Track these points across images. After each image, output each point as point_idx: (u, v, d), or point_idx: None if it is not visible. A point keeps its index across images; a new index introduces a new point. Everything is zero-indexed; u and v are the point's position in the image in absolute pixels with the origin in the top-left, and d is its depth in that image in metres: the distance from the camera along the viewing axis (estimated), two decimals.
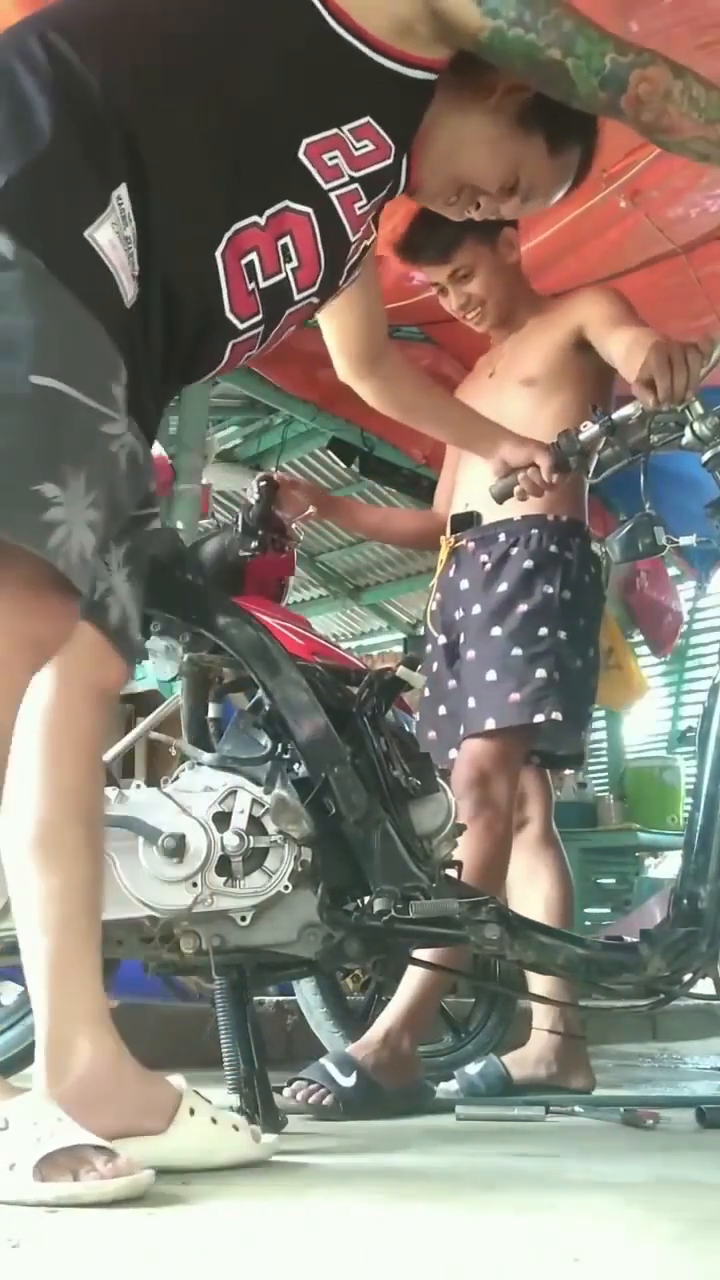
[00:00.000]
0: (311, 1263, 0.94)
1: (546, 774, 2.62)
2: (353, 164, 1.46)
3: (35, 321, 1.21)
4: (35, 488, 1.18)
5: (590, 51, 1.44)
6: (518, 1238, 1.05)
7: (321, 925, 1.64)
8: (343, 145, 1.44)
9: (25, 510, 1.18)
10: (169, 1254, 0.97)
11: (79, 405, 1.23)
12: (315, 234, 1.46)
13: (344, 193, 1.46)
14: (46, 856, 1.35)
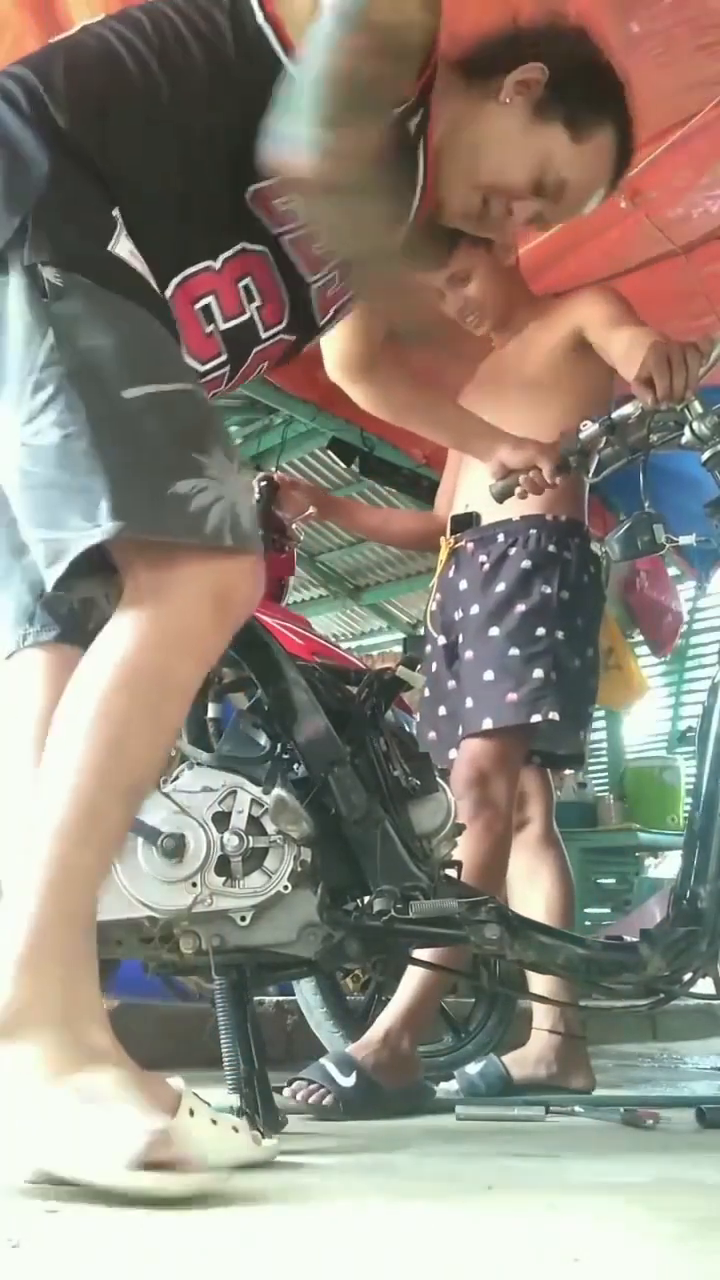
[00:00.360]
0: (311, 1263, 0.94)
1: (547, 774, 2.62)
2: None
3: (111, 338, 1.24)
4: (171, 490, 1.22)
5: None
6: (518, 1238, 1.05)
7: (321, 925, 1.64)
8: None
9: (172, 514, 1.21)
10: (169, 1254, 0.97)
11: (178, 396, 1.26)
12: (274, 275, 1.46)
13: (299, 236, 1.45)
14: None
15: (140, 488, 1.22)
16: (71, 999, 1.16)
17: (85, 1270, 0.91)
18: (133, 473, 1.22)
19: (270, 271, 1.46)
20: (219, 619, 1.25)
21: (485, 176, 1.57)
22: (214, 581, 1.24)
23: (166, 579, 1.22)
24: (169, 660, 1.22)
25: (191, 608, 1.23)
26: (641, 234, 3.13)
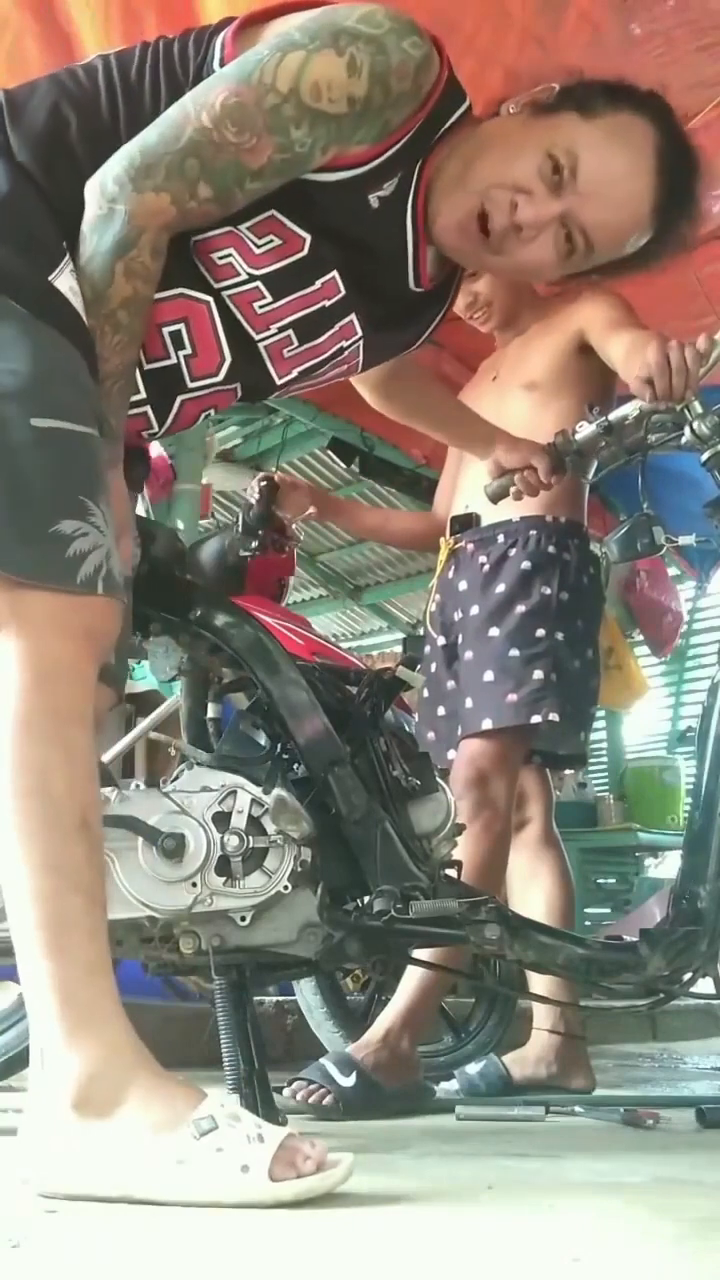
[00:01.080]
0: (312, 1262, 0.94)
1: (547, 774, 2.62)
2: (252, 262, 1.41)
3: (29, 365, 1.24)
4: (54, 528, 1.22)
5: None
6: (518, 1238, 1.05)
7: (321, 925, 1.64)
8: (238, 243, 1.40)
9: (48, 553, 1.21)
10: (169, 1254, 0.97)
11: (82, 436, 1.26)
12: (214, 324, 1.44)
13: (239, 292, 1.43)
14: None
15: (22, 524, 1.22)
16: (129, 1048, 1.17)
17: (85, 1270, 0.91)
18: (18, 508, 1.22)
19: (210, 322, 1.43)
20: (86, 654, 1.25)
21: (482, 180, 1.42)
22: (82, 622, 1.24)
23: (34, 616, 1.22)
24: (55, 692, 1.22)
25: (60, 644, 1.23)
26: None
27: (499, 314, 2.54)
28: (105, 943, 1.21)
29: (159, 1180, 1.10)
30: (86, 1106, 1.13)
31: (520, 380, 2.49)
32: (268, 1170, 1.10)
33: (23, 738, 1.20)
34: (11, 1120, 1.45)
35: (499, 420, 2.20)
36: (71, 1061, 1.15)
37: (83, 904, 1.20)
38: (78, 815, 1.21)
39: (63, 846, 1.19)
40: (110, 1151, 1.12)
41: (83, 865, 1.21)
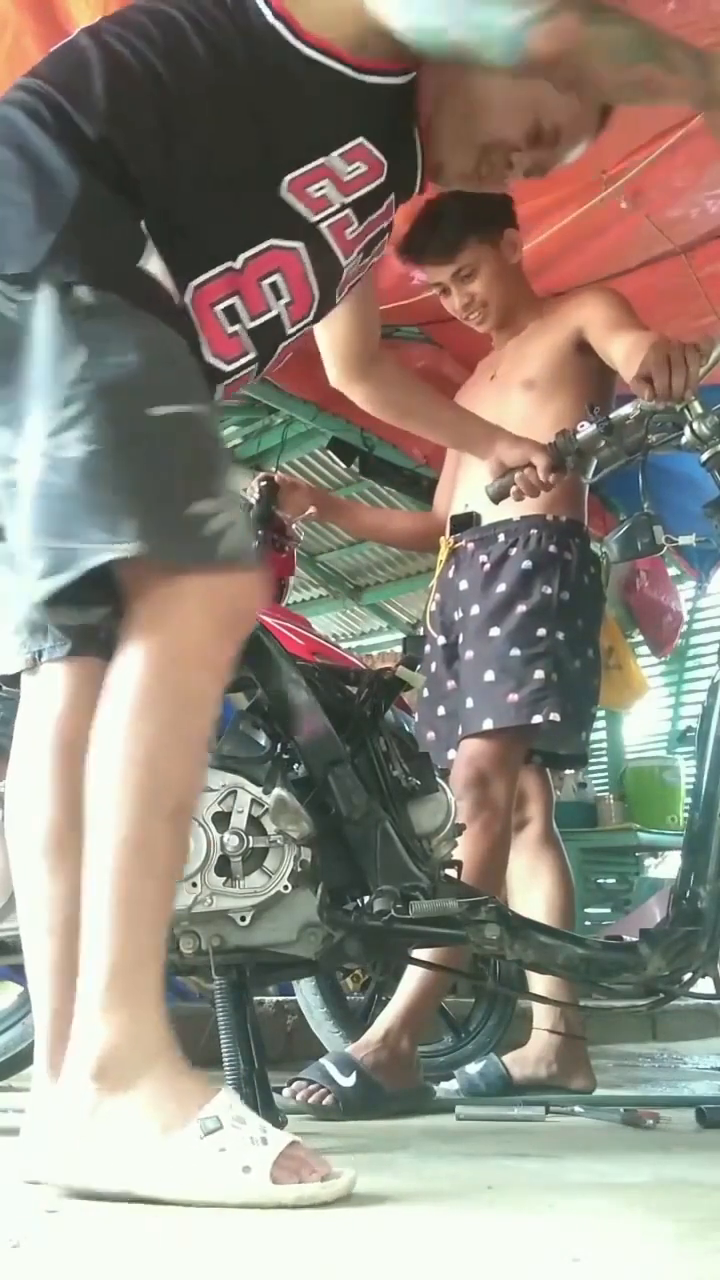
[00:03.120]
0: (312, 1262, 0.94)
1: (547, 774, 2.62)
2: (343, 189, 1.45)
3: (141, 357, 1.25)
4: (189, 510, 1.23)
5: (487, 20, 1.37)
6: (518, 1238, 1.05)
7: (321, 925, 1.64)
8: (331, 174, 1.43)
9: (190, 536, 1.23)
10: (169, 1254, 0.97)
11: (199, 416, 1.29)
12: (306, 268, 1.46)
13: (334, 221, 1.46)
14: (56, 860, 1.35)
15: (163, 510, 1.23)
16: (158, 1035, 1.19)
17: (85, 1270, 0.91)
18: (157, 494, 1.24)
19: (302, 268, 1.46)
20: (228, 633, 1.27)
21: (484, 136, 1.55)
22: (223, 598, 1.25)
23: (177, 597, 1.24)
24: (186, 677, 1.24)
25: (202, 624, 1.24)
26: (641, 234, 3.12)
27: (496, 313, 2.54)
28: (165, 932, 1.24)
29: (161, 1178, 1.11)
30: (104, 1078, 1.15)
31: (518, 379, 2.49)
32: (269, 1173, 1.11)
33: (142, 715, 1.21)
34: (12, 1120, 1.45)
35: (498, 419, 2.20)
36: (101, 1031, 1.16)
37: (156, 890, 1.21)
38: (175, 801, 1.22)
39: (153, 828, 1.20)
40: (115, 1146, 1.13)
41: (167, 851, 1.22)
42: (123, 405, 1.23)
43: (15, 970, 2.03)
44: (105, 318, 1.25)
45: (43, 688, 1.44)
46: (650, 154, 2.81)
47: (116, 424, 1.23)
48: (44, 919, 1.35)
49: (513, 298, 2.54)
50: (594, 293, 2.50)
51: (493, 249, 2.48)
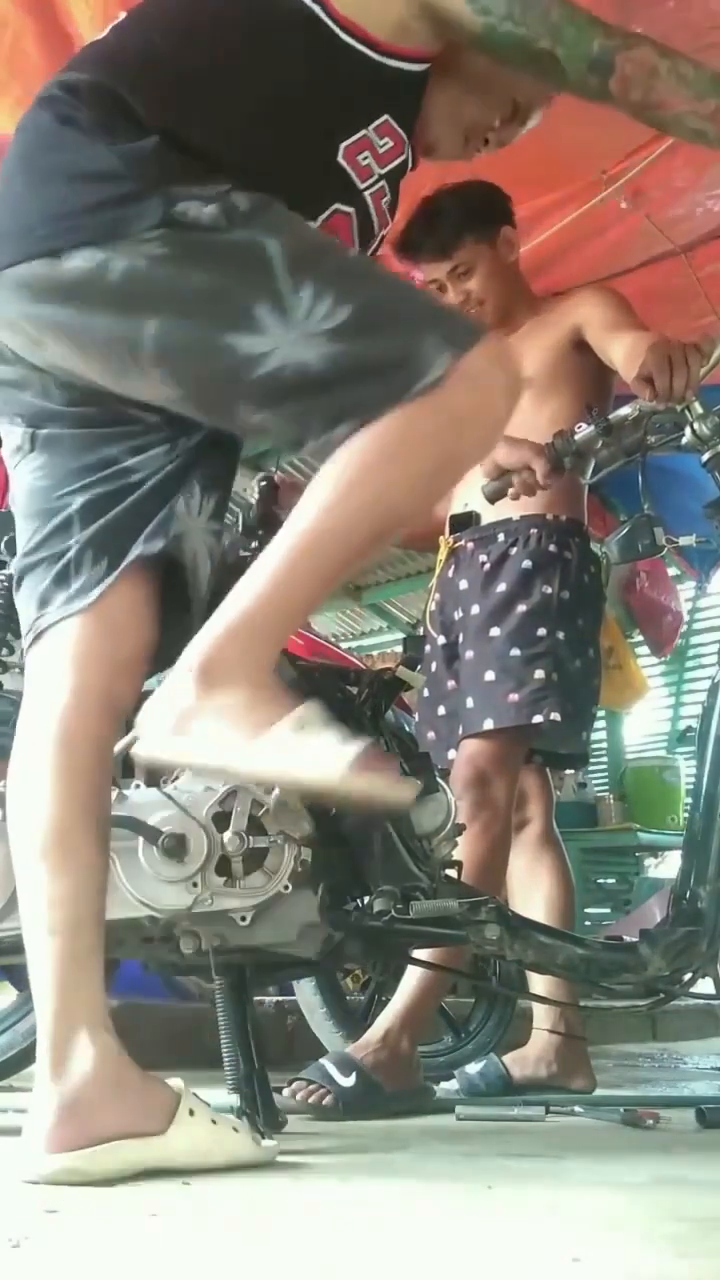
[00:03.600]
0: (312, 1263, 0.94)
1: (547, 773, 2.62)
2: (379, 161, 1.53)
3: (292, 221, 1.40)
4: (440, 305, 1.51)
5: (578, 38, 1.49)
6: (518, 1238, 1.05)
7: (321, 925, 1.64)
8: (370, 145, 1.51)
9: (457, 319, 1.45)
10: (169, 1254, 0.97)
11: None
12: (354, 235, 1.54)
13: (375, 190, 1.54)
14: (58, 860, 1.35)
15: (437, 311, 1.42)
16: (268, 665, 1.33)
17: (85, 1270, 0.91)
18: (430, 308, 1.43)
19: (352, 233, 1.54)
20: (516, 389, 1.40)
21: (473, 117, 1.67)
22: (509, 358, 1.41)
23: (461, 379, 1.32)
24: (468, 436, 1.36)
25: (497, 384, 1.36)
26: (641, 234, 3.13)
27: (492, 312, 2.54)
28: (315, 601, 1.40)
29: (256, 756, 1.24)
30: (207, 675, 1.27)
31: None
32: (350, 764, 1.22)
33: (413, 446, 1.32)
34: (12, 1120, 1.45)
35: None
36: (216, 634, 1.29)
37: (323, 573, 1.34)
38: (391, 520, 1.36)
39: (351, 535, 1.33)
40: (216, 727, 1.26)
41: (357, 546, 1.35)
42: (335, 262, 1.38)
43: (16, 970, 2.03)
44: (267, 211, 1.35)
45: (48, 668, 1.43)
46: (650, 154, 2.81)
47: (350, 276, 1.37)
48: (45, 919, 1.34)
49: (509, 295, 2.53)
50: (592, 291, 2.50)
51: (489, 247, 2.48)
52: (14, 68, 2.51)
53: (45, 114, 1.42)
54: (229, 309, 1.33)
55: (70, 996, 1.32)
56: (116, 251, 1.32)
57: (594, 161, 2.89)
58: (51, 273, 1.34)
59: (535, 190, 2.94)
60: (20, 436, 1.50)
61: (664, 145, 2.76)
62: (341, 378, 1.31)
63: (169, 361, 1.36)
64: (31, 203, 1.38)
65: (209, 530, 1.49)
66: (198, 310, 1.34)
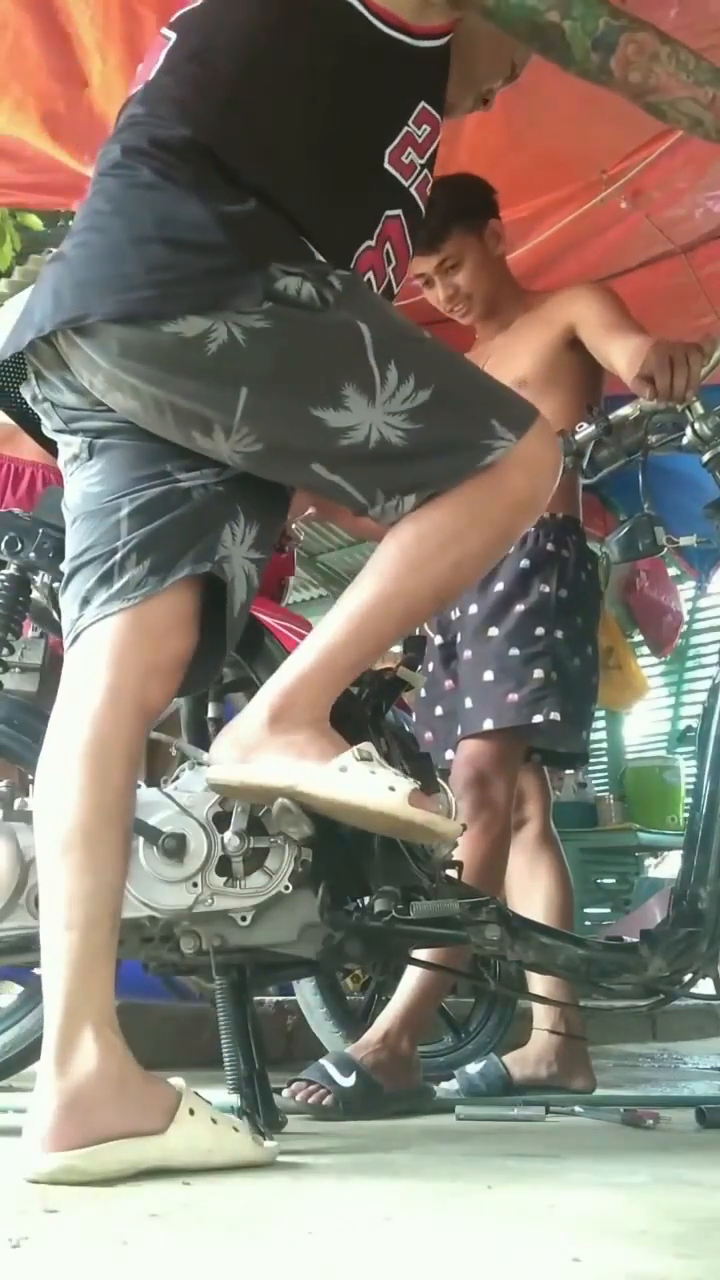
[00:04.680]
0: (312, 1263, 0.94)
1: (545, 773, 2.62)
2: (420, 152, 1.58)
3: (383, 305, 1.53)
4: (505, 393, 1.56)
5: (585, 14, 1.53)
6: (518, 1238, 1.05)
7: (322, 925, 1.64)
8: (412, 140, 1.56)
9: (517, 405, 1.53)
10: (169, 1254, 0.97)
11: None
12: (405, 231, 1.59)
13: (419, 182, 1.60)
14: (80, 858, 1.36)
15: (502, 396, 1.52)
16: (327, 711, 1.49)
17: (85, 1270, 0.91)
18: (489, 390, 1.52)
19: (402, 230, 1.58)
20: (557, 470, 1.53)
21: (483, 78, 1.74)
22: (553, 438, 1.55)
23: (518, 462, 1.46)
24: (519, 520, 1.52)
25: (546, 464, 1.50)
26: (641, 234, 3.12)
27: (480, 305, 2.53)
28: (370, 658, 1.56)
29: (323, 781, 1.42)
30: (278, 719, 1.46)
31: (509, 376, 2.47)
32: (407, 797, 1.40)
33: (475, 528, 1.48)
34: (12, 1120, 1.45)
35: None
36: (293, 684, 1.47)
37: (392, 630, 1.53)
38: (442, 595, 1.56)
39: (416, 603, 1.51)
40: (284, 756, 1.44)
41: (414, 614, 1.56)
42: (416, 346, 1.47)
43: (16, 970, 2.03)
44: (356, 292, 1.43)
45: (83, 669, 1.44)
46: (650, 154, 2.81)
47: (430, 359, 1.47)
48: (63, 915, 1.35)
49: (497, 288, 2.53)
50: (584, 289, 2.49)
51: (476, 239, 2.48)
52: (14, 68, 2.51)
53: (143, 168, 1.45)
54: (321, 385, 1.42)
55: (79, 994, 1.33)
56: (217, 321, 1.38)
57: (594, 162, 2.89)
58: (150, 334, 1.39)
59: (535, 190, 2.94)
60: (79, 446, 1.54)
61: (664, 145, 2.76)
62: (417, 452, 1.44)
63: (252, 427, 1.43)
64: (131, 258, 1.41)
65: (249, 558, 1.52)
66: (291, 384, 1.43)
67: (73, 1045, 1.30)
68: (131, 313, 1.39)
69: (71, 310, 1.41)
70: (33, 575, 1.90)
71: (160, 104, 1.52)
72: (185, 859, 1.61)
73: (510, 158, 2.71)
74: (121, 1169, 1.27)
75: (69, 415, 1.53)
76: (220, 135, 1.46)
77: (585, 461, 2.18)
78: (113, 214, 1.45)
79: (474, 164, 2.62)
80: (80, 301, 1.40)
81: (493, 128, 2.56)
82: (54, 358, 1.48)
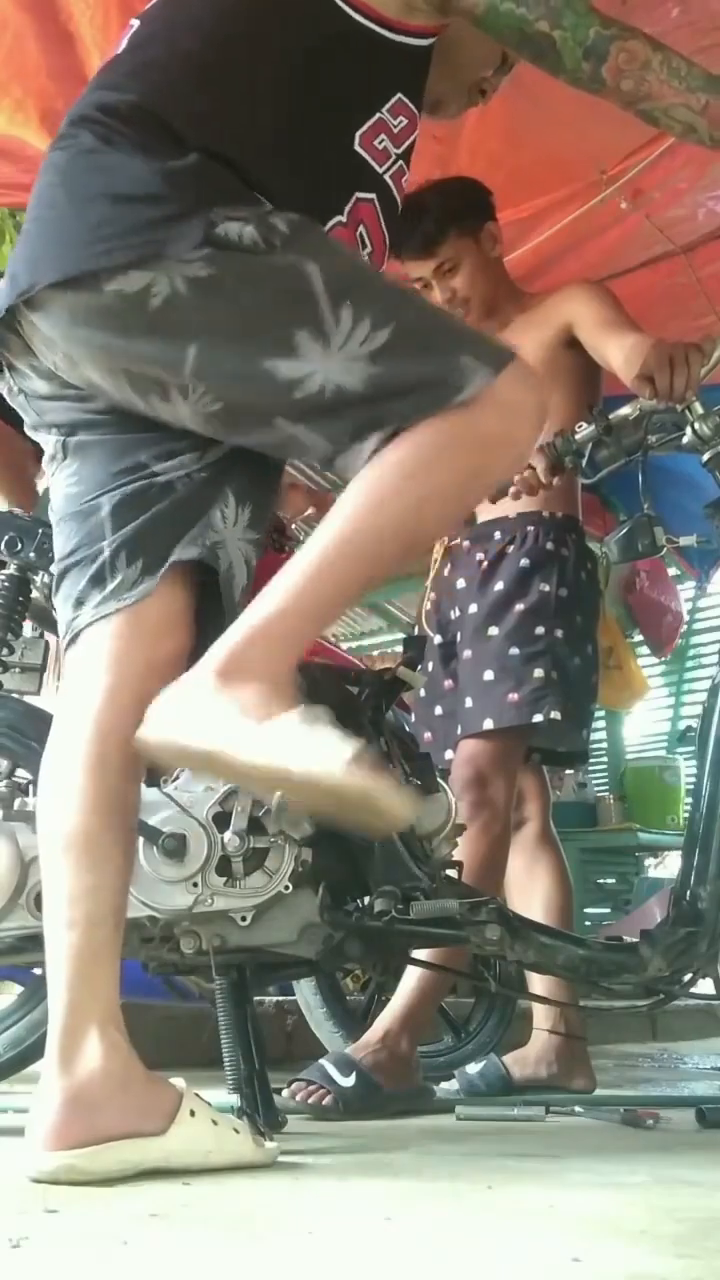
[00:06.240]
0: (312, 1263, 0.94)
1: (544, 773, 2.62)
2: (395, 141, 1.55)
3: (344, 251, 1.45)
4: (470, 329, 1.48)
5: (576, 24, 1.52)
6: (518, 1238, 1.05)
7: (322, 925, 1.64)
8: (386, 128, 1.54)
9: (486, 342, 1.42)
10: (170, 1254, 0.97)
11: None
12: (380, 217, 1.56)
13: (394, 171, 1.57)
14: (82, 856, 1.36)
15: (470, 334, 1.42)
16: (288, 669, 1.34)
17: (85, 1270, 0.91)
18: (464, 330, 1.43)
19: (377, 216, 1.55)
20: (540, 415, 1.42)
21: (474, 75, 1.72)
22: (534, 381, 1.42)
23: (492, 402, 1.35)
24: (498, 455, 1.40)
25: (529, 402, 1.39)
26: (642, 234, 3.13)
27: (478, 308, 2.54)
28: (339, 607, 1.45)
29: (249, 741, 1.23)
30: (224, 674, 1.28)
31: None
32: (351, 758, 1.20)
33: (437, 463, 1.35)
34: (12, 1120, 1.45)
35: None
36: (238, 639, 1.31)
37: (353, 578, 1.39)
38: (420, 536, 1.46)
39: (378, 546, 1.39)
40: (221, 716, 1.25)
41: (385, 561, 1.42)
42: (373, 286, 1.39)
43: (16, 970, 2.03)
44: (306, 232, 1.37)
45: (84, 669, 1.44)
46: (650, 154, 2.81)
47: (386, 300, 1.37)
48: (65, 914, 1.35)
49: (495, 291, 2.54)
50: (581, 288, 2.48)
51: (473, 242, 2.48)
52: (14, 68, 2.51)
53: (85, 134, 1.42)
54: (270, 335, 1.35)
55: (83, 992, 1.33)
56: (158, 274, 1.34)
57: (594, 162, 2.89)
58: (95, 297, 1.36)
59: (535, 191, 2.94)
60: (54, 445, 1.53)
61: (664, 146, 2.76)
62: (380, 396, 1.35)
63: (206, 385, 1.38)
64: (74, 222, 1.39)
65: (245, 540, 1.50)
66: (238, 336, 1.37)
67: (76, 1044, 1.30)
68: (68, 271, 1.35)
69: (23, 284, 1.38)
70: (33, 575, 1.90)
71: (111, 73, 1.51)
72: (185, 859, 1.61)
73: (510, 158, 2.71)
74: (122, 1169, 1.27)
75: (42, 407, 1.51)
76: (170, 100, 1.43)
77: (585, 461, 2.18)
78: (59, 185, 1.43)
79: (474, 164, 2.62)
80: (30, 274, 1.39)
81: (493, 128, 2.57)
82: (21, 345, 1.46)
